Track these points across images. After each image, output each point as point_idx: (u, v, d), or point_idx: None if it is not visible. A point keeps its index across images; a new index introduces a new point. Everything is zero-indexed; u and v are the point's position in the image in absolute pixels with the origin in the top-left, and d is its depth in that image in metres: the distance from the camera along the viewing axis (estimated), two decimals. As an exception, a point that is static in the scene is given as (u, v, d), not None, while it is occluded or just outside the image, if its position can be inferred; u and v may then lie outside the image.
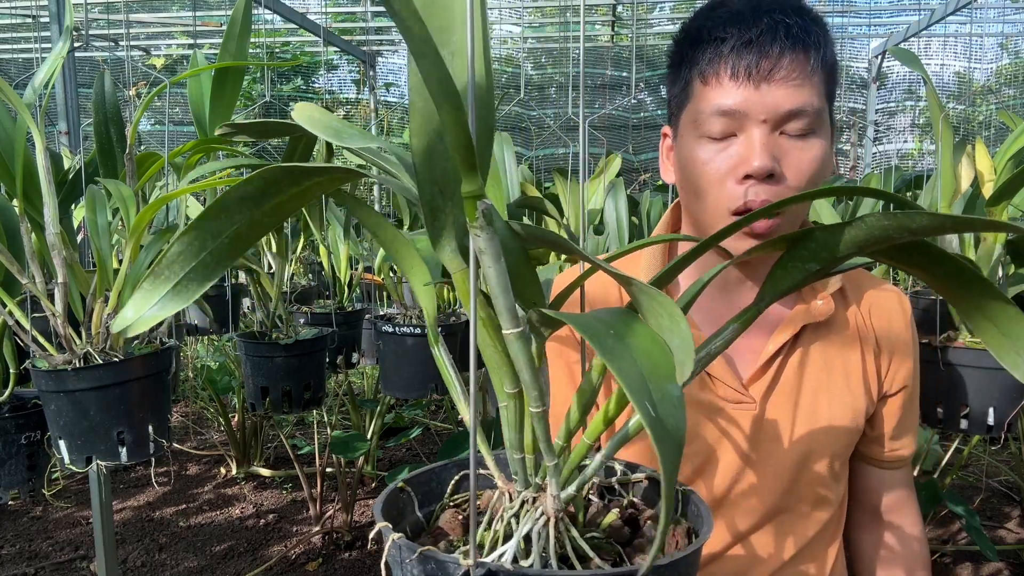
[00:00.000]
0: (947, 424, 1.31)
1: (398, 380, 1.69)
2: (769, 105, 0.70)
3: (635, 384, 0.29)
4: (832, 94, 0.76)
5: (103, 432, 1.02)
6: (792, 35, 0.70)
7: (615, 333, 0.33)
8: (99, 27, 3.83)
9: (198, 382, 3.49)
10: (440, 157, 0.35)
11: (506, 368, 0.43)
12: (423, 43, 0.29)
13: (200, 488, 3.04)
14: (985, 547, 1.80)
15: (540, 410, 0.42)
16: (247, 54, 1.13)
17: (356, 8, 4.43)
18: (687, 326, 0.34)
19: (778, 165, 0.71)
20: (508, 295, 0.37)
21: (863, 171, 4.42)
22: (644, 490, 0.53)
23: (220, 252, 0.37)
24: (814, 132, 0.73)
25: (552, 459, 0.42)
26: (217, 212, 0.36)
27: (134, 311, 0.39)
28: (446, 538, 0.47)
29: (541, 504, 0.42)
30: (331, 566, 2.43)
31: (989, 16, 4.71)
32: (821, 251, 0.39)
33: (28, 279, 1.05)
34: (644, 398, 0.28)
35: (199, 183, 1.14)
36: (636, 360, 0.31)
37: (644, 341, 0.33)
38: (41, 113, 1.06)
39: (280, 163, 0.34)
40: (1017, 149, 1.26)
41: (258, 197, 0.36)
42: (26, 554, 2.50)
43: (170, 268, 0.37)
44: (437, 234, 0.38)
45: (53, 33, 1.81)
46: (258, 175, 0.35)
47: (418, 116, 0.34)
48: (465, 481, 0.53)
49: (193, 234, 0.36)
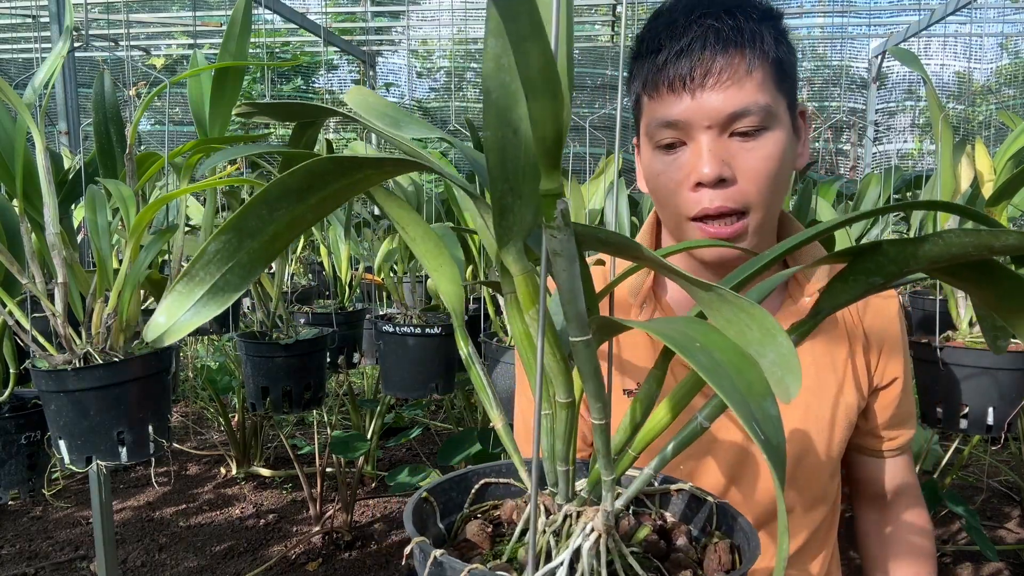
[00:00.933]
0: (947, 424, 1.31)
1: (398, 380, 1.69)
2: (709, 111, 0.70)
3: (740, 403, 0.27)
4: (788, 87, 0.75)
5: (103, 432, 1.02)
6: (723, 38, 0.70)
7: (701, 346, 0.30)
8: (99, 27, 3.83)
9: (198, 382, 3.49)
10: (512, 153, 0.33)
11: (562, 377, 0.41)
12: (534, 27, 0.27)
13: (200, 488, 3.04)
14: (985, 547, 1.80)
15: (603, 422, 0.40)
16: (247, 54, 1.13)
17: (356, 8, 4.44)
18: (787, 340, 0.31)
19: (728, 168, 0.71)
20: (579, 300, 0.35)
21: (863, 171, 4.42)
22: (681, 506, 0.50)
23: (259, 251, 0.34)
24: (766, 128, 0.72)
25: (610, 473, 0.40)
26: (258, 208, 0.33)
27: (167, 317, 0.35)
28: (474, 551, 0.44)
29: (587, 519, 0.40)
30: (331, 566, 2.43)
31: (989, 16, 4.71)
32: (889, 265, 0.37)
33: (28, 279, 1.05)
34: (751, 419, 0.27)
35: (199, 183, 1.14)
36: (731, 376, 0.29)
37: (731, 355, 0.30)
38: (41, 113, 1.06)
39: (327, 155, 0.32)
40: (1017, 149, 1.26)
41: (302, 191, 0.34)
42: (26, 554, 2.50)
43: (206, 269, 0.34)
44: (504, 233, 0.36)
45: (53, 33, 1.81)
46: (304, 168, 0.33)
47: (493, 109, 0.32)
48: (486, 490, 0.51)
49: (231, 232, 0.34)
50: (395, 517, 2.78)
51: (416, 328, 1.65)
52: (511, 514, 0.46)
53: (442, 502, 0.48)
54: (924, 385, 1.37)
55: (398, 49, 5.24)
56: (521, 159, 0.33)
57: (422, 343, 1.65)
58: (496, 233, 0.36)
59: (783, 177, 0.74)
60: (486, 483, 0.50)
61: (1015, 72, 5.88)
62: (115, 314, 1.07)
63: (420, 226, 0.48)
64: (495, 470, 0.51)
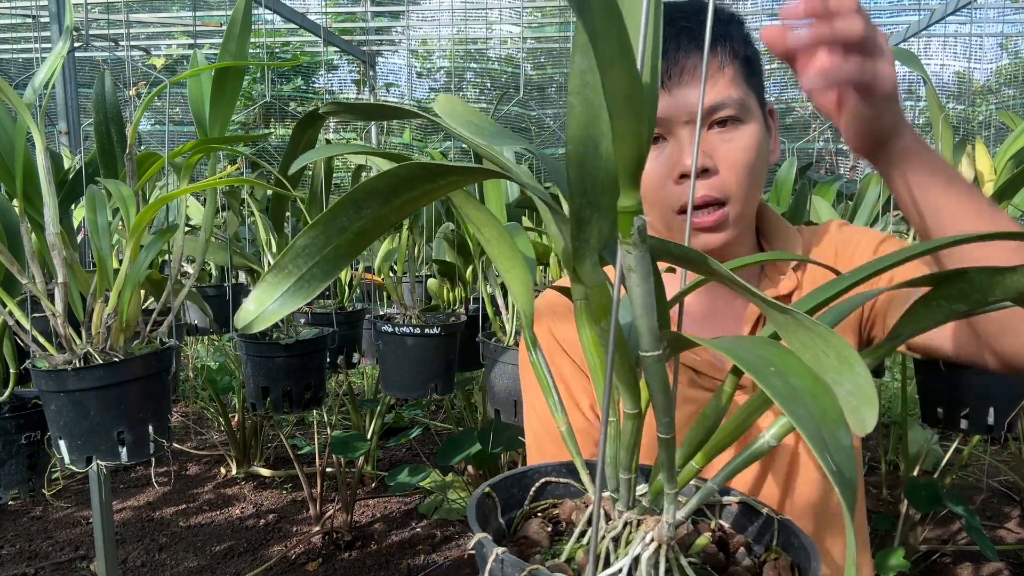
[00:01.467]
0: (947, 424, 1.31)
1: (398, 380, 1.69)
2: (687, 106, 0.74)
3: (814, 434, 0.27)
4: (757, 84, 0.79)
5: (103, 432, 1.02)
6: (694, 37, 0.75)
7: (776, 371, 0.30)
8: (99, 27, 3.83)
9: (198, 382, 3.49)
10: (592, 167, 0.33)
11: (631, 388, 0.42)
12: (620, 45, 0.27)
13: (200, 488, 3.04)
14: (985, 547, 1.80)
15: (669, 436, 0.40)
16: (247, 54, 1.13)
17: (356, 8, 4.44)
18: (864, 371, 0.31)
19: (710, 159, 0.75)
20: (652, 316, 0.36)
21: (863, 171, 4.42)
22: (735, 515, 0.50)
23: (343, 247, 0.37)
24: (741, 121, 0.76)
25: (673, 487, 0.41)
26: (346, 207, 0.36)
27: (256, 305, 0.38)
28: (533, 548, 0.45)
29: (647, 528, 0.41)
30: (331, 566, 2.43)
31: (989, 16, 4.71)
32: (974, 293, 0.36)
33: (28, 279, 1.05)
34: (824, 449, 0.27)
35: (200, 183, 1.14)
36: (807, 404, 0.29)
37: (806, 381, 0.30)
38: (41, 113, 1.06)
39: (416, 160, 0.34)
40: (1017, 149, 1.26)
41: (388, 193, 0.35)
42: (26, 554, 2.50)
43: (294, 263, 0.36)
44: (581, 246, 0.36)
45: (53, 33, 1.81)
46: (391, 172, 0.34)
47: (576, 122, 0.32)
48: (546, 488, 0.51)
49: (320, 227, 0.36)
50: (395, 517, 2.78)
51: (416, 328, 1.65)
52: (570, 514, 0.47)
53: (503, 498, 0.49)
54: (925, 385, 1.38)
55: (398, 49, 5.24)
56: (601, 174, 0.34)
57: (422, 343, 1.65)
58: (572, 245, 0.37)
59: (760, 168, 0.78)
60: (546, 482, 0.51)
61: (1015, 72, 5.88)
62: (115, 314, 1.07)
63: (496, 228, 0.49)
64: (555, 469, 0.52)
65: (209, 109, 1.13)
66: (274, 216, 1.76)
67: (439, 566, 2.42)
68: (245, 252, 1.85)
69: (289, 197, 1.65)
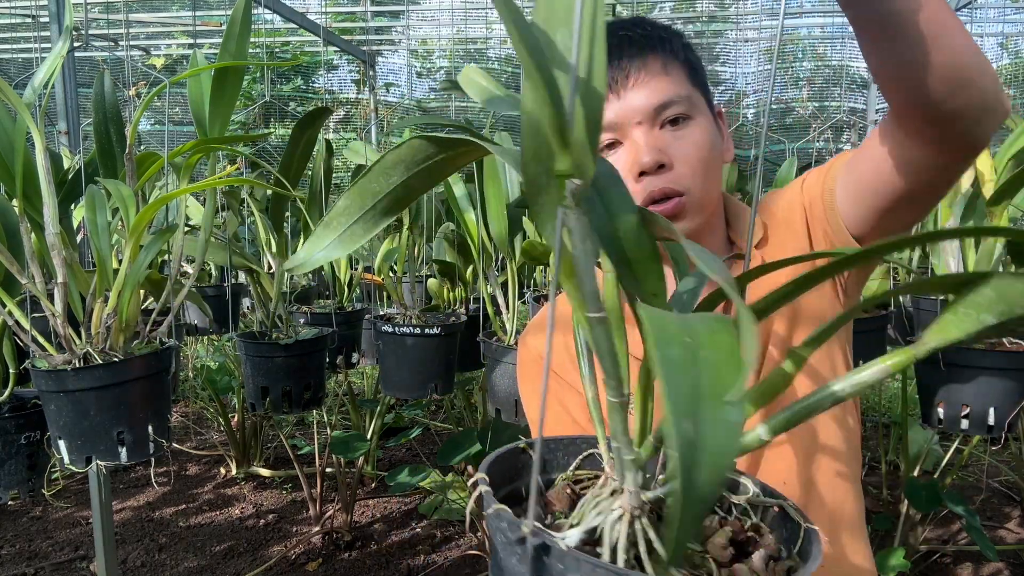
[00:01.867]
0: (948, 424, 1.31)
1: (398, 380, 1.69)
2: (637, 107, 0.79)
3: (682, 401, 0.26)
4: (703, 87, 0.84)
5: (103, 432, 1.02)
6: (636, 43, 0.80)
7: (688, 343, 0.30)
8: (99, 27, 3.83)
9: (198, 382, 3.49)
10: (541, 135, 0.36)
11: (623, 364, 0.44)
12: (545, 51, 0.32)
13: (200, 488, 3.04)
14: (985, 547, 1.80)
15: (618, 400, 0.42)
16: (247, 54, 1.13)
17: (356, 8, 4.44)
18: None
19: (665, 155, 0.79)
20: (591, 277, 0.38)
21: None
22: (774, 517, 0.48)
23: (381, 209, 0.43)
24: (690, 118, 0.80)
25: (630, 453, 0.42)
26: (377, 174, 0.42)
27: (305, 253, 0.45)
28: (550, 508, 0.46)
29: (620, 498, 0.41)
30: (331, 566, 2.43)
31: (989, 16, 4.71)
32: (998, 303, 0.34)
33: (28, 279, 1.05)
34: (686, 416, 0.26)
35: (199, 183, 1.14)
36: (699, 374, 0.28)
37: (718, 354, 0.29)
38: (41, 113, 1.06)
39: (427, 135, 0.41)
40: (1017, 149, 1.26)
41: (410, 162, 0.41)
42: (26, 554, 2.50)
43: (337, 220, 0.43)
44: (539, 211, 0.39)
45: (53, 33, 1.81)
46: (410, 142, 0.41)
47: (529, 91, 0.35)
48: (589, 458, 0.52)
49: (355, 192, 0.43)
50: (395, 517, 2.78)
51: (416, 328, 1.65)
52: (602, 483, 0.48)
53: (545, 458, 0.52)
54: (925, 385, 1.37)
55: (398, 49, 5.24)
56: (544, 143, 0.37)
57: (421, 343, 1.65)
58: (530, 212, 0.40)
59: (713, 162, 0.82)
60: (591, 453, 0.53)
61: (1015, 72, 5.89)
62: (115, 314, 1.07)
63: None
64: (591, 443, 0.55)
65: (209, 109, 1.13)
66: (274, 216, 1.76)
67: (439, 566, 2.42)
68: (245, 252, 1.85)
69: (289, 197, 1.65)
